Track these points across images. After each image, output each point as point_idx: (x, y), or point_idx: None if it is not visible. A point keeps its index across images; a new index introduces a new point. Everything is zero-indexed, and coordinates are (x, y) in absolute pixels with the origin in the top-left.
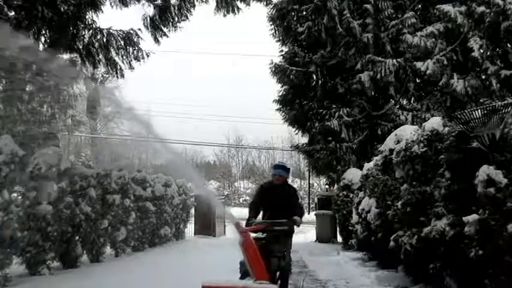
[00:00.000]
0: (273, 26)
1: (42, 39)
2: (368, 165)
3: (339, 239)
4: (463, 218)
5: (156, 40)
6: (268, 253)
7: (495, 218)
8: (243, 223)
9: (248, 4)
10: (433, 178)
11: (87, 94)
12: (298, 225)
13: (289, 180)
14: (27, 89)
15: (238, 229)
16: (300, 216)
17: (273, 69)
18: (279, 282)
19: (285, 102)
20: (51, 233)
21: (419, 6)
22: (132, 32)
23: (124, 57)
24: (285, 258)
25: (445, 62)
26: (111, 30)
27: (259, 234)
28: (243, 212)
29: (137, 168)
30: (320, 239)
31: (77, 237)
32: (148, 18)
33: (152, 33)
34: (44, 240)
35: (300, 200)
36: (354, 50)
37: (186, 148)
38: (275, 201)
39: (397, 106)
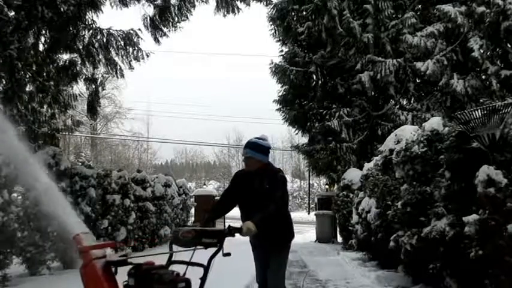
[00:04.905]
0: (273, 26)
1: (42, 39)
2: (368, 165)
3: (339, 239)
4: (463, 218)
5: (156, 40)
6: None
7: (495, 218)
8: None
9: (248, 4)
10: (433, 178)
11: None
12: (244, 235)
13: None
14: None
15: (76, 246)
16: (263, 216)
17: (273, 69)
18: None
19: (285, 102)
20: (51, 233)
21: (419, 6)
22: (132, 32)
23: (124, 57)
24: None
25: (445, 62)
26: (111, 30)
27: (124, 251)
28: None
29: (137, 168)
30: (320, 239)
31: None
32: (148, 18)
33: (152, 33)
34: (44, 240)
35: (281, 189)
36: (354, 50)
37: (186, 148)
38: (246, 197)
39: (397, 106)
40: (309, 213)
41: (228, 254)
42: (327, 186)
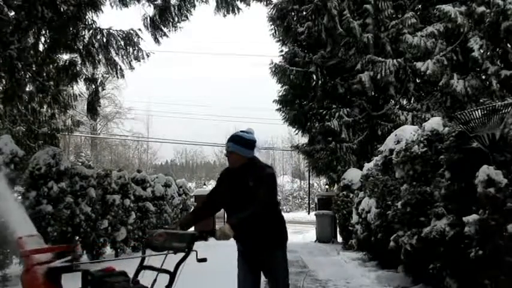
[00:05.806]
0: (273, 26)
1: (42, 39)
2: (368, 165)
3: (339, 239)
4: (463, 218)
5: (156, 40)
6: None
7: (495, 218)
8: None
9: (248, 4)
10: (433, 178)
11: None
12: (218, 239)
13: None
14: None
15: (19, 249)
16: (243, 217)
17: (273, 69)
18: None
19: (285, 103)
20: (51, 233)
21: (419, 6)
22: (132, 32)
23: (124, 57)
24: None
25: (445, 62)
26: (111, 30)
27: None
28: None
29: (137, 168)
30: (320, 239)
31: (77, 237)
32: (148, 18)
33: (152, 33)
34: (44, 240)
35: (267, 188)
36: (354, 50)
37: (186, 148)
38: (231, 196)
39: (397, 106)
40: (309, 213)
41: (204, 260)
42: (327, 186)
